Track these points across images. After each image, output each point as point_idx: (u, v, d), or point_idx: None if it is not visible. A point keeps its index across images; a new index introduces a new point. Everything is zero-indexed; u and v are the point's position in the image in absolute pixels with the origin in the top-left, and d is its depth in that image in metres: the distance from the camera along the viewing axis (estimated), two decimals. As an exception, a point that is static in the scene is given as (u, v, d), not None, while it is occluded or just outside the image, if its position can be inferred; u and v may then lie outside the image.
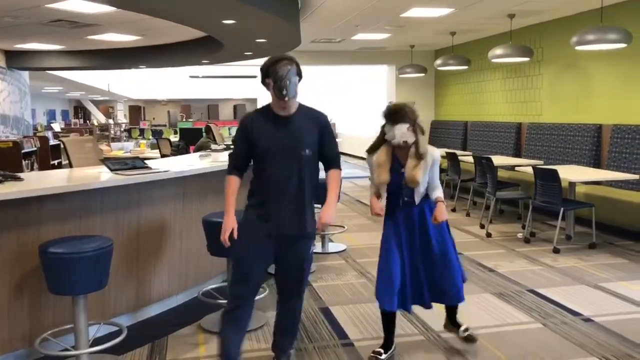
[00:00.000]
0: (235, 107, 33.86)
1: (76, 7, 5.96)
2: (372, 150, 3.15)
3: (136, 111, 35.26)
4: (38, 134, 10.85)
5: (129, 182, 3.52)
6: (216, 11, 5.02)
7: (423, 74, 10.77)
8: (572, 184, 6.04)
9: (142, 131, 24.63)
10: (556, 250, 5.57)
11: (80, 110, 34.92)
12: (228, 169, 2.86)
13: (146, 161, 4.01)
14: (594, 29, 5.95)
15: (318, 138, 2.81)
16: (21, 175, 3.42)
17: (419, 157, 3.03)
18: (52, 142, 10.57)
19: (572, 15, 7.63)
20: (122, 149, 10.19)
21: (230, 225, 2.74)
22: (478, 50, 9.86)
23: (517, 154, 8.83)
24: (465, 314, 3.67)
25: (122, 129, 25.72)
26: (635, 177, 5.98)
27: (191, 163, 4.49)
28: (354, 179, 11.84)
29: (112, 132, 23.06)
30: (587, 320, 3.79)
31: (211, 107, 34.99)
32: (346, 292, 4.46)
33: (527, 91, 8.89)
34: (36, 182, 3.35)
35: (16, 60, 9.74)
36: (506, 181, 7.47)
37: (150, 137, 21.18)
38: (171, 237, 4.02)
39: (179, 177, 3.95)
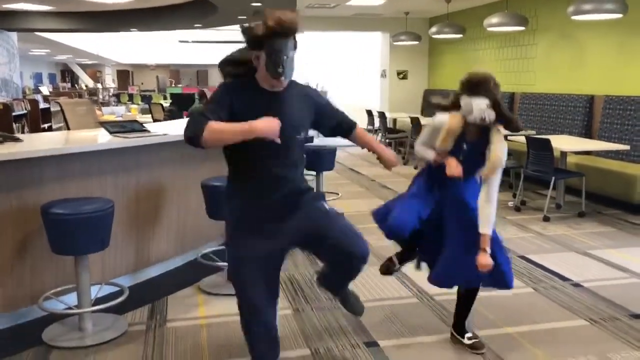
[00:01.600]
0: (225, 72, 33.60)
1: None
2: (449, 107, 2.74)
3: (124, 76, 34.91)
4: (27, 97, 10.72)
5: (129, 145, 3.54)
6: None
7: (417, 42, 10.73)
8: (563, 154, 6.12)
9: (131, 96, 24.39)
10: (546, 219, 5.68)
11: (67, 74, 34.46)
12: (198, 121, 2.16)
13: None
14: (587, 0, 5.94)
15: (315, 113, 2.44)
16: (20, 136, 3.42)
17: (516, 129, 2.66)
18: (42, 105, 10.47)
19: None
20: (113, 113, 10.12)
21: (262, 121, 2.15)
22: (473, 18, 9.81)
23: (509, 124, 8.88)
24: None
25: (110, 94, 25.46)
26: (626, 147, 6.07)
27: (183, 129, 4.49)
28: (346, 148, 11.86)
29: (101, 96, 22.83)
30: (576, 285, 3.90)
31: (200, 73, 34.68)
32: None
33: (521, 61, 8.90)
34: (36, 143, 3.36)
35: (5, 20, 9.57)
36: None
37: (140, 102, 20.99)
38: (169, 201, 4.06)
39: (178, 141, 3.96)
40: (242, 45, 2.30)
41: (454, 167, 2.68)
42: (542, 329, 3.21)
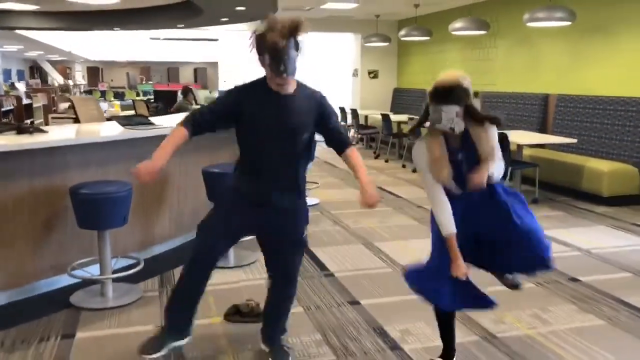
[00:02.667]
0: (195, 70, 33.71)
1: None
2: (412, 131, 2.68)
3: (94, 72, 34.70)
4: (11, 94, 10.98)
5: (139, 136, 4.03)
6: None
7: (387, 43, 11.34)
8: (519, 147, 6.79)
9: (103, 93, 24.46)
10: (504, 204, 6.33)
11: (36, 70, 34.15)
12: (183, 121, 2.53)
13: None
14: (543, 8, 6.63)
15: (317, 120, 2.61)
16: (44, 128, 3.88)
17: (481, 120, 2.47)
18: (25, 101, 10.75)
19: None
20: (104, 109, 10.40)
21: (152, 170, 2.43)
22: (439, 22, 10.47)
23: (473, 121, 9.56)
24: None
25: (81, 90, 25.45)
26: (574, 140, 6.78)
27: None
28: (322, 143, 12.41)
29: (72, 93, 22.84)
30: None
31: (171, 70, 34.71)
32: (323, 237, 5.09)
33: (484, 62, 9.59)
34: (61, 134, 3.83)
35: (-11, 19, 9.83)
36: (462, 145, 8.18)
37: (112, 98, 21.13)
38: (171, 186, 4.55)
39: (180, 133, 4.46)
40: (215, 43, 2.81)
41: (461, 268, 2.50)
42: (498, 290, 3.83)
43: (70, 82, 27.44)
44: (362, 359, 2.90)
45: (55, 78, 31.12)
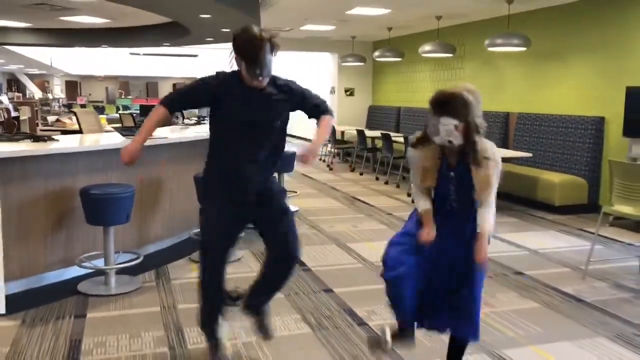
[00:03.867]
0: (174, 85, 34.10)
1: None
2: (416, 144, 2.57)
3: (73, 86, 34.87)
4: (1, 107, 11.35)
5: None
6: (196, 8, 6.02)
7: (362, 63, 12.00)
8: (481, 160, 7.42)
9: (82, 107, 24.72)
10: (466, 212, 6.96)
11: (13, 83, 34.23)
12: (162, 100, 2.79)
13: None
14: (502, 35, 7.33)
15: (292, 106, 2.85)
16: (55, 137, 4.37)
17: (477, 163, 2.41)
18: (13, 114, 11.13)
19: (487, 19, 9.03)
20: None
21: (131, 149, 2.74)
22: (411, 44, 11.16)
23: (442, 136, 10.23)
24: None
25: (60, 104, 25.64)
26: (529, 155, 7.45)
27: (179, 133, 5.50)
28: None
29: (52, 107, 23.05)
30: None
31: (150, 85, 35.04)
32: (301, 239, 5.59)
33: (451, 82, 10.28)
34: (70, 142, 4.33)
35: (-20, 35, 10.25)
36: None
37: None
38: (165, 191, 5.06)
39: (174, 143, 4.99)
40: (194, 59, 3.28)
41: (423, 235, 2.53)
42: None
43: (50, 96, 27.64)
44: (334, 332, 3.44)
45: (33, 91, 31.24)
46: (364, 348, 3.19)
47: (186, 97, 2.82)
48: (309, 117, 2.96)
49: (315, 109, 2.93)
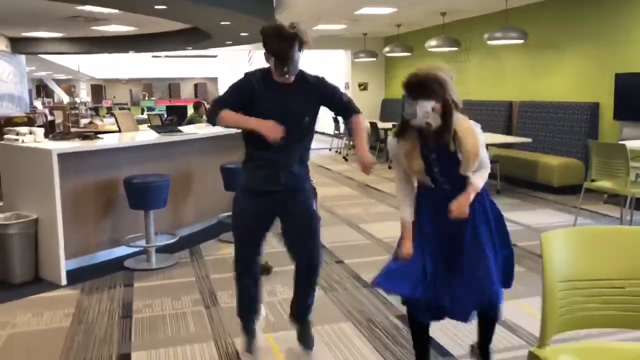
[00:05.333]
0: (196, 86, 34.96)
1: (98, 8, 7.46)
2: (398, 134, 2.53)
3: (98, 90, 35.92)
4: (37, 111, 12.18)
5: (172, 140, 5.21)
6: (216, 16, 6.67)
7: (374, 59, 12.56)
8: (485, 146, 7.95)
9: (109, 109, 25.61)
10: (470, 195, 7.50)
11: (42, 89, 35.42)
12: (212, 113, 2.82)
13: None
14: (500, 28, 7.85)
15: (320, 102, 2.86)
16: (101, 135, 5.05)
17: (455, 140, 2.39)
18: (49, 117, 11.95)
19: (487, 14, 9.54)
20: (113, 124, 11.57)
21: (266, 121, 2.70)
22: (419, 39, 11.68)
23: (451, 126, 10.77)
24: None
25: (86, 107, 26.58)
26: (529, 140, 7.96)
27: (205, 130, 6.16)
28: (317, 150, 13.64)
29: (79, 110, 23.98)
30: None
31: (172, 86, 35.93)
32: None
33: (459, 74, 10.61)
34: (113, 140, 5.01)
35: (19, 45, 11.05)
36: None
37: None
38: (195, 179, 5.72)
39: (203, 138, 5.65)
40: (214, 60, 3.41)
41: (404, 250, 2.52)
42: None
43: (77, 100, 28.67)
44: (343, 293, 4.06)
45: (61, 96, 32.36)
46: (368, 305, 3.80)
47: (231, 100, 2.82)
48: (336, 115, 3.02)
49: (344, 107, 2.97)
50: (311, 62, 18.15)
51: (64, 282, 4.31)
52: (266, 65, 2.81)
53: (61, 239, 4.28)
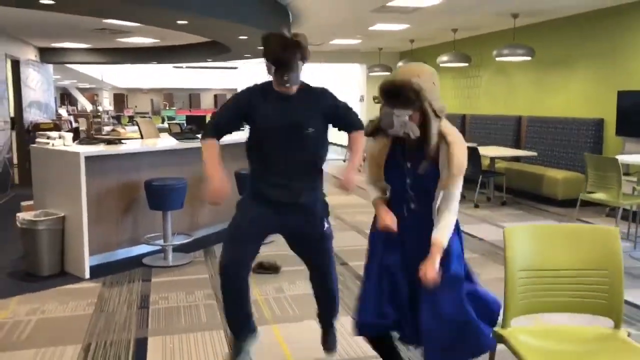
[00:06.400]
0: (215, 96, 35.59)
1: (123, 22, 7.89)
2: (371, 133, 2.34)
3: (120, 99, 36.71)
4: (63, 119, 12.68)
5: (189, 146, 5.55)
6: (234, 31, 7.04)
7: (389, 73, 12.86)
8: (492, 159, 8.22)
9: (130, 118, 26.22)
10: (476, 206, 7.76)
11: (66, 97, 36.30)
12: (204, 133, 2.77)
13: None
14: (508, 46, 8.12)
15: (325, 117, 2.75)
16: (123, 140, 5.42)
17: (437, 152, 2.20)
18: (74, 125, 12.43)
19: (496, 31, 9.82)
20: (135, 131, 12.02)
21: (218, 182, 2.67)
22: (432, 54, 11.98)
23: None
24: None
25: (109, 116, 27.23)
26: (534, 154, 8.19)
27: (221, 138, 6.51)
28: (331, 161, 13.95)
29: (102, 119, 24.59)
30: (481, 239, 5.96)
31: (193, 96, 36.61)
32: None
33: (470, 89, 11.07)
34: (136, 145, 5.37)
35: (47, 55, 11.56)
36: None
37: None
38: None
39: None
40: (234, 71, 3.56)
41: (386, 219, 2.34)
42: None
43: (100, 108, 29.42)
44: (345, 290, 4.34)
45: (84, 104, 33.15)
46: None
47: (226, 119, 2.78)
48: (339, 130, 2.89)
49: (346, 120, 2.86)
50: (327, 75, 18.59)
51: (87, 275, 4.65)
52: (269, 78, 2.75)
53: (86, 236, 4.63)
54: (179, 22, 6.46)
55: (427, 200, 2.25)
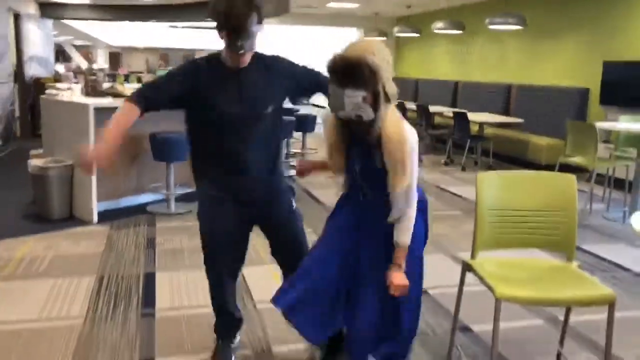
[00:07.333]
0: (210, 56, 35.45)
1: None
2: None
3: (115, 57, 36.51)
4: (62, 75, 12.80)
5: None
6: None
7: (385, 38, 13.03)
8: (481, 125, 8.53)
9: (126, 77, 26.15)
10: (463, 169, 8.10)
11: (60, 54, 36.02)
12: (133, 94, 2.37)
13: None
14: (500, 14, 8.34)
15: (284, 83, 2.41)
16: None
17: (380, 139, 1.97)
18: (74, 81, 12.58)
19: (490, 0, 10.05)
20: (134, 89, 12.15)
21: (104, 149, 2.20)
22: (427, 20, 12.17)
23: (454, 105, 11.31)
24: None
25: (104, 74, 27.11)
26: (520, 120, 8.51)
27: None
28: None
29: (97, 76, 24.51)
30: (464, 199, 6.32)
31: (188, 57, 36.49)
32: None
33: (463, 56, 11.31)
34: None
35: (47, 10, 11.65)
36: (442, 124, 9.95)
37: (136, 82, 22.84)
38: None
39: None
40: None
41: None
42: (446, 214, 5.59)
43: (95, 66, 29.34)
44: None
45: (79, 62, 32.99)
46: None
47: (164, 88, 2.37)
48: (311, 94, 2.59)
49: (315, 79, 2.47)
50: (321, 39, 18.66)
51: (95, 220, 4.97)
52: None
53: (94, 183, 4.93)
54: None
55: (378, 188, 2.05)
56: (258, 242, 2.80)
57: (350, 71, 1.89)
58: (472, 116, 8.22)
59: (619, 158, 5.84)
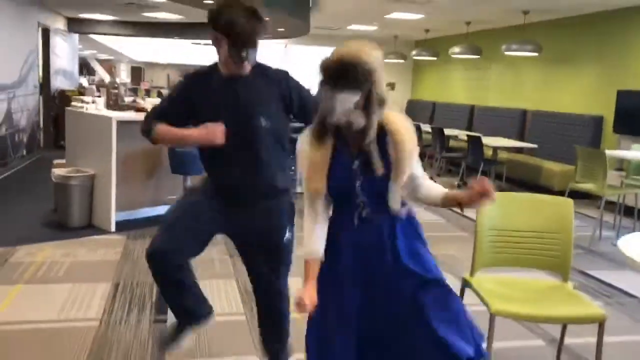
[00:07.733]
0: (230, 75, 35.91)
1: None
2: (318, 136, 1.88)
3: (137, 72, 37.18)
4: (86, 88, 13.16)
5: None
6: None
7: (403, 60, 13.23)
8: (495, 149, 8.62)
9: (147, 92, 26.58)
10: (475, 192, 8.16)
11: (84, 67, 36.80)
12: (145, 125, 2.33)
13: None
14: (517, 41, 8.48)
15: (284, 105, 2.28)
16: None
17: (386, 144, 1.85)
18: (96, 94, 12.91)
19: (507, 27, 10.18)
20: (155, 103, 12.45)
21: (200, 129, 2.20)
22: (445, 45, 12.32)
23: (470, 128, 11.40)
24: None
25: (126, 88, 27.60)
26: (534, 146, 8.58)
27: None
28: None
29: (119, 90, 24.98)
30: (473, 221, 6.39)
31: (207, 74, 36.95)
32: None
33: (479, 81, 11.44)
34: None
35: (74, 25, 12.02)
36: (456, 147, 10.04)
37: (156, 96, 23.26)
38: (227, 156, 6.52)
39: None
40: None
41: (305, 296, 1.84)
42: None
43: (118, 80, 29.92)
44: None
45: (102, 76, 33.66)
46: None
47: (168, 110, 2.36)
48: (298, 121, 2.37)
49: (305, 110, 2.30)
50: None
51: (113, 229, 5.14)
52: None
53: (113, 193, 5.11)
54: (205, 1, 6.88)
55: (381, 203, 1.88)
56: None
57: (344, 72, 1.75)
58: (487, 140, 8.32)
59: (629, 186, 5.89)
